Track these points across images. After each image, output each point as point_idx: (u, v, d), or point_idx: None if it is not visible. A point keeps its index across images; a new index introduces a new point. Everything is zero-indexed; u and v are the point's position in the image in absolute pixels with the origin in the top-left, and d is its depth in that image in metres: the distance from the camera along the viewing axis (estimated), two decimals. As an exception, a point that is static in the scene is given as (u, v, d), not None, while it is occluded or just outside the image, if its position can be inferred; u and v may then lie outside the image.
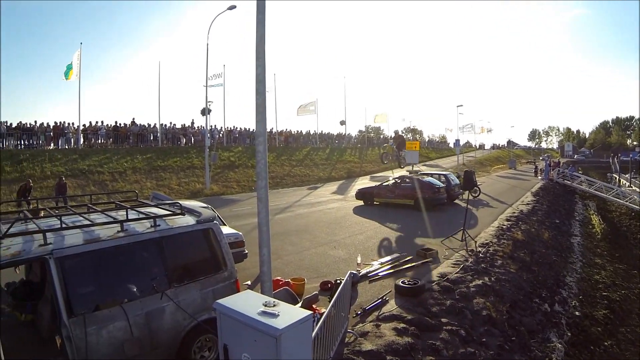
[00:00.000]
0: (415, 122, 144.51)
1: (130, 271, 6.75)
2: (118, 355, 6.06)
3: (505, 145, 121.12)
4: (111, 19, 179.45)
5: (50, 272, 5.80)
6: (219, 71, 36.58)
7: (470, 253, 14.07)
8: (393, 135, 28.59)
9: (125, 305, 6.22)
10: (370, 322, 8.81)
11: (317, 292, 10.16)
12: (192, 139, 42.68)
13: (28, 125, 35.31)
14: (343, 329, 7.82)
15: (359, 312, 9.19)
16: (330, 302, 8.44)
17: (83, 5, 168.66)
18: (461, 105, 66.91)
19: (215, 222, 7.69)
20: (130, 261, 6.74)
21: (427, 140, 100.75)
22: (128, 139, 38.70)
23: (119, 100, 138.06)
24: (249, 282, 10.76)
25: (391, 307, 9.51)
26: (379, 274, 11.82)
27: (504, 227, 19.10)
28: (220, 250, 7.50)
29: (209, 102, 34.43)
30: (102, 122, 38.79)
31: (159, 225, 7.01)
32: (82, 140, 36.26)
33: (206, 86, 34.35)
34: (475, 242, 15.40)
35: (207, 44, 33.63)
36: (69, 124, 36.80)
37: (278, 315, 4.55)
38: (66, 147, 35.70)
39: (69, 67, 34.14)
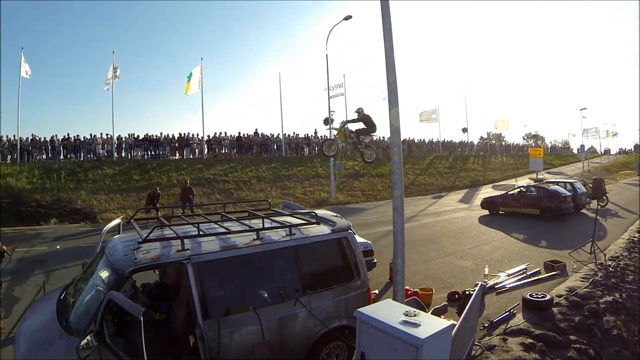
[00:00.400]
0: (537, 127, 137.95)
1: (265, 278, 6.98)
2: (248, 357, 6.35)
3: (633, 149, 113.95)
4: (230, 33, 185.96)
5: (188, 276, 6.19)
6: (339, 81, 36.93)
7: (599, 267, 13.51)
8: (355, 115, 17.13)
9: (259, 310, 6.49)
10: (497, 335, 8.74)
11: (446, 303, 10.21)
12: (316, 148, 42.69)
13: (154, 137, 37.07)
14: (470, 341, 7.76)
15: (486, 325, 9.12)
16: (458, 313, 8.56)
17: (204, 20, 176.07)
18: (584, 109, 63.52)
19: (350, 231, 7.79)
20: (265, 268, 6.96)
21: (549, 146, 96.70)
22: (251, 149, 39.55)
23: (241, 111, 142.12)
24: (376, 292, 10.84)
25: (518, 320, 9.37)
26: (506, 285, 11.71)
27: (635, 239, 18.11)
28: (354, 259, 7.61)
29: (331, 111, 34.63)
30: (225, 132, 39.87)
31: (294, 234, 7.24)
32: (206, 150, 37.74)
33: (328, 97, 34.72)
34: (605, 255, 14.74)
35: (327, 55, 34.07)
36: (193, 135, 38.30)
37: (419, 325, 4.65)
38: (191, 157, 37.23)
39: (190, 77, 35.92)
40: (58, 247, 18.50)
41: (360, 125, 16.83)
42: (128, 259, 6.31)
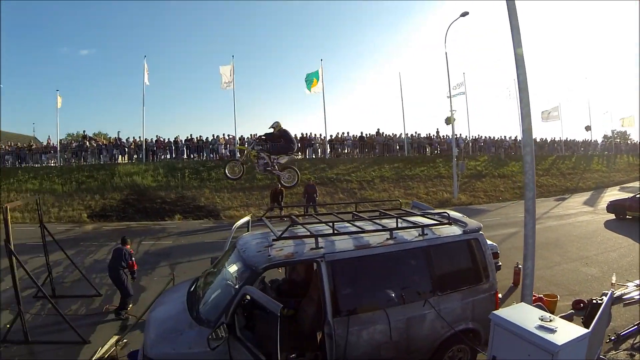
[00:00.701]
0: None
1: (397, 278, 7.00)
2: (373, 355, 6.45)
3: None
4: (345, 35, 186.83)
5: (321, 274, 6.34)
6: (459, 80, 36.13)
7: None
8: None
9: (389, 309, 6.56)
10: (624, 350, 8.47)
11: (572, 311, 10.01)
12: (438, 148, 42.06)
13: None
14: (597, 354, 7.30)
15: (613, 338, 8.74)
16: (584, 323, 8.38)
17: (320, 24, 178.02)
18: None
19: (480, 232, 7.72)
20: (397, 268, 7.00)
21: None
22: (374, 149, 39.35)
23: (363, 111, 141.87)
24: (499, 295, 10.76)
25: (647, 336, 8.93)
26: (635, 297, 11.18)
27: None
28: (484, 261, 7.55)
29: (453, 110, 33.87)
30: (347, 132, 39.76)
31: (426, 234, 7.24)
32: (328, 150, 38.01)
33: (450, 96, 33.97)
34: None
35: (446, 53, 33.30)
36: (315, 135, 38.71)
37: (555, 330, 4.59)
38: (313, 156, 37.63)
39: (312, 76, 36.49)
40: (182, 241, 19.60)
41: (277, 143, 14.93)
42: (262, 255, 6.59)
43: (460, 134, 43.10)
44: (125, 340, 9.30)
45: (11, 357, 9.07)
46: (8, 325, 9.95)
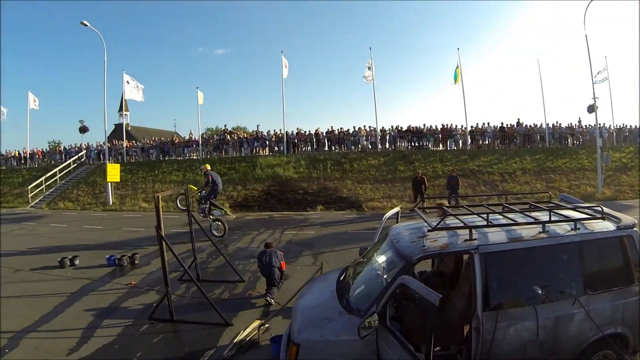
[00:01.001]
0: None
1: (547, 273, 6.74)
2: (518, 353, 6.30)
3: None
4: (483, 22, 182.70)
5: (474, 266, 6.23)
6: (602, 65, 33.48)
7: None
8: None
9: (538, 306, 6.34)
10: None
11: None
12: (580, 139, 39.54)
13: (417, 128, 37.86)
14: None
15: None
16: None
17: (455, 13, 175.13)
18: None
19: (635, 229, 7.16)
20: (548, 263, 6.72)
21: None
22: (514, 140, 38.08)
23: (503, 101, 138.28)
24: None
25: None
26: None
27: None
28: (637, 260, 6.99)
29: (596, 97, 31.66)
30: (488, 123, 38.92)
31: (579, 229, 6.89)
32: (469, 141, 37.31)
33: (592, 83, 31.73)
34: None
35: (586, 35, 31.14)
36: (456, 126, 38.23)
37: None
38: (454, 148, 37.22)
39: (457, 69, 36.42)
40: (325, 231, 19.96)
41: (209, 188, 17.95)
42: (416, 246, 6.59)
43: (604, 123, 40.54)
44: (267, 325, 9.68)
45: (157, 332, 9.80)
46: (155, 304, 10.74)
